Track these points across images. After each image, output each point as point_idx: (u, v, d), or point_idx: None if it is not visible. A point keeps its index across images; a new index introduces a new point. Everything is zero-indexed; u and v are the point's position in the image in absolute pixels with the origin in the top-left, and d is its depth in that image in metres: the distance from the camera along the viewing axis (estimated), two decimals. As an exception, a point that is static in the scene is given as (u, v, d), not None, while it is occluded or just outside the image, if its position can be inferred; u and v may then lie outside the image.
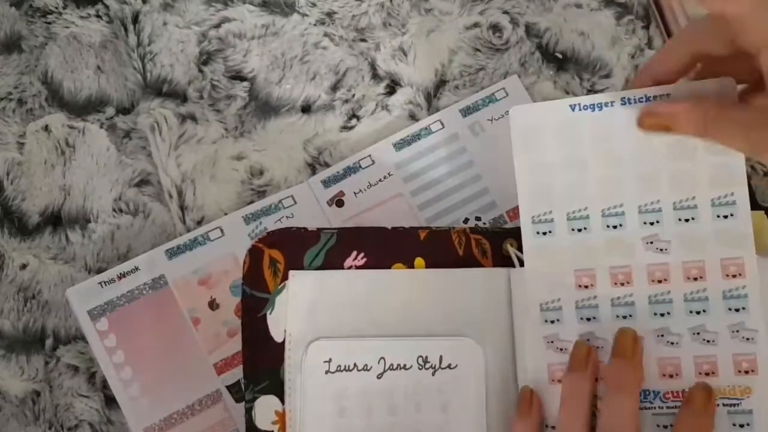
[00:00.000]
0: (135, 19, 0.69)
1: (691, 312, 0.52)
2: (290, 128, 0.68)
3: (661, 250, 0.53)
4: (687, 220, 0.53)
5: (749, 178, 0.65)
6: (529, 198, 0.55)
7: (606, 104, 0.53)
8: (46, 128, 0.68)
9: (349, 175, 0.66)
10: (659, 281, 0.53)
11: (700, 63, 0.52)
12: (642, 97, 0.53)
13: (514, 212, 0.66)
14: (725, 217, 0.52)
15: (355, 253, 0.58)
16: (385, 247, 0.58)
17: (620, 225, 0.54)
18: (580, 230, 0.54)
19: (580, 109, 0.54)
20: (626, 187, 0.54)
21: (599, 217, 0.54)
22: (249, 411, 0.55)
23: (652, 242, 0.53)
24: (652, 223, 0.53)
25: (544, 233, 0.55)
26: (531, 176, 0.55)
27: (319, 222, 0.65)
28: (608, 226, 0.54)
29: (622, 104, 0.53)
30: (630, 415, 0.49)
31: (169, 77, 0.69)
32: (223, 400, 0.62)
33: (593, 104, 0.54)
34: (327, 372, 0.55)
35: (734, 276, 0.52)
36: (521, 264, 0.56)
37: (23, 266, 0.65)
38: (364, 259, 0.58)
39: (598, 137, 0.54)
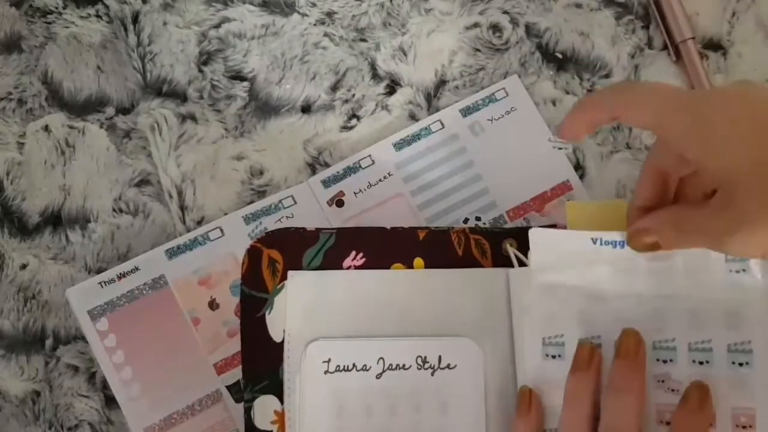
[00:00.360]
0: (135, 19, 0.69)
1: None
2: (290, 128, 0.68)
3: (673, 390, 0.52)
4: (701, 363, 0.52)
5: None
6: (542, 319, 0.54)
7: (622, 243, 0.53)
8: (46, 128, 0.68)
9: (349, 175, 0.66)
10: (667, 423, 0.51)
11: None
12: None
13: (514, 212, 0.66)
14: (741, 364, 0.51)
15: (354, 253, 0.58)
16: (384, 247, 0.58)
17: None
18: None
19: (601, 244, 0.53)
20: (642, 322, 0.52)
21: (612, 349, 0.52)
22: (248, 411, 0.56)
23: (663, 381, 0.52)
24: (665, 362, 0.52)
25: (554, 356, 0.54)
26: (546, 297, 0.54)
27: (319, 222, 0.65)
28: None
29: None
30: (633, 416, 0.49)
31: (169, 77, 0.69)
32: (223, 400, 0.62)
33: (615, 241, 0.53)
34: (326, 372, 0.55)
35: (744, 427, 0.50)
36: (520, 264, 0.56)
37: (23, 266, 0.65)
38: (363, 259, 0.58)
39: (618, 273, 0.53)
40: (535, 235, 0.55)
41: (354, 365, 0.55)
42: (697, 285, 0.52)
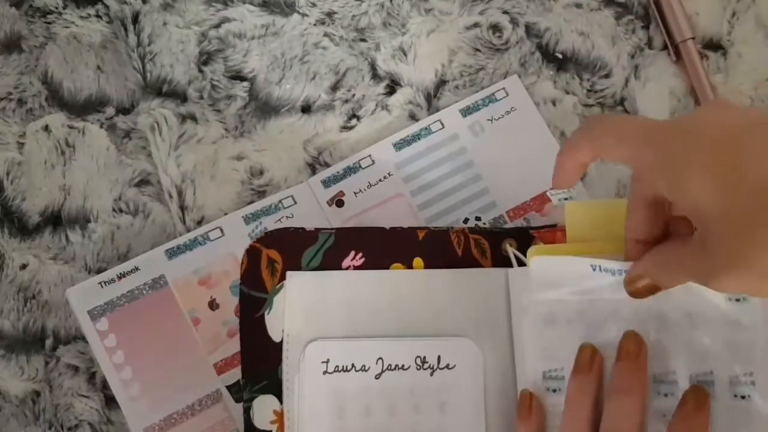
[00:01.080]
0: (135, 19, 0.69)
1: None
2: (290, 128, 0.68)
3: None
4: None
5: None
6: (541, 352, 0.54)
7: (627, 271, 0.51)
8: (46, 128, 0.68)
9: (349, 175, 0.66)
10: None
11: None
12: None
13: (514, 212, 0.66)
14: (743, 397, 0.50)
15: (353, 253, 0.58)
16: (384, 247, 0.58)
17: None
18: None
19: (600, 271, 0.52)
20: None
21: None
22: (247, 411, 0.56)
23: (665, 414, 0.51)
24: (666, 395, 0.51)
25: (554, 390, 0.53)
26: (545, 330, 0.54)
27: (319, 222, 0.65)
28: None
29: None
30: (634, 418, 0.49)
31: (169, 77, 0.69)
32: (223, 400, 0.62)
33: (614, 269, 0.52)
34: (325, 372, 0.55)
35: None
36: (520, 264, 0.56)
37: (23, 266, 0.65)
38: (363, 260, 0.58)
39: (616, 302, 0.53)
40: (535, 263, 0.54)
41: (353, 365, 0.55)
42: (697, 315, 0.52)
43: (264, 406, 0.55)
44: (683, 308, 0.52)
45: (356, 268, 0.58)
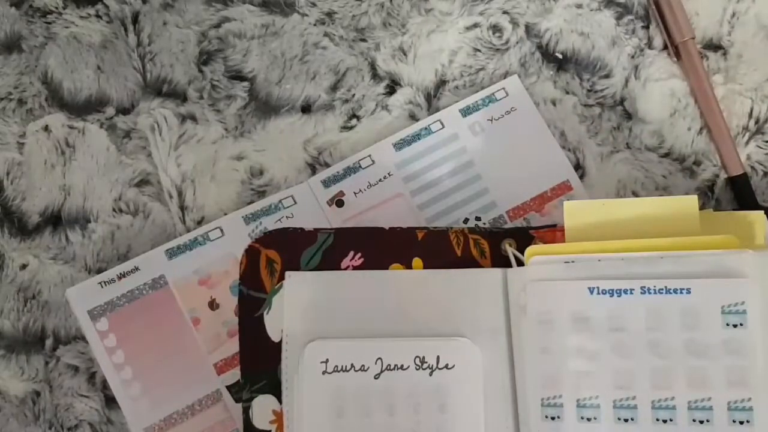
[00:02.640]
0: (135, 19, 0.70)
1: None
2: (290, 128, 0.68)
3: None
4: (702, 422, 0.51)
5: (749, 177, 0.65)
6: (540, 379, 0.54)
7: (625, 291, 0.52)
8: (46, 128, 0.68)
9: (349, 175, 0.66)
10: None
11: None
12: (662, 289, 0.52)
13: (514, 212, 0.65)
14: (741, 423, 0.50)
15: (352, 253, 0.58)
16: (383, 247, 0.58)
17: (632, 419, 0.52)
18: (589, 419, 0.52)
19: (598, 293, 0.53)
20: (640, 380, 0.52)
21: (610, 408, 0.52)
22: (246, 411, 0.56)
23: None
24: (665, 421, 0.51)
25: (553, 418, 0.53)
26: (543, 357, 0.54)
27: (319, 222, 0.65)
28: (619, 419, 0.52)
29: (641, 293, 0.52)
30: None
31: (169, 77, 0.69)
32: (223, 400, 0.62)
33: (612, 290, 0.52)
34: (324, 372, 0.55)
35: None
36: (519, 264, 0.56)
37: (23, 266, 0.66)
38: (362, 260, 0.58)
39: (614, 326, 0.53)
40: (532, 289, 0.55)
41: (352, 365, 0.55)
42: (695, 341, 0.52)
43: (263, 406, 0.56)
44: (681, 335, 0.52)
45: (355, 268, 0.58)
